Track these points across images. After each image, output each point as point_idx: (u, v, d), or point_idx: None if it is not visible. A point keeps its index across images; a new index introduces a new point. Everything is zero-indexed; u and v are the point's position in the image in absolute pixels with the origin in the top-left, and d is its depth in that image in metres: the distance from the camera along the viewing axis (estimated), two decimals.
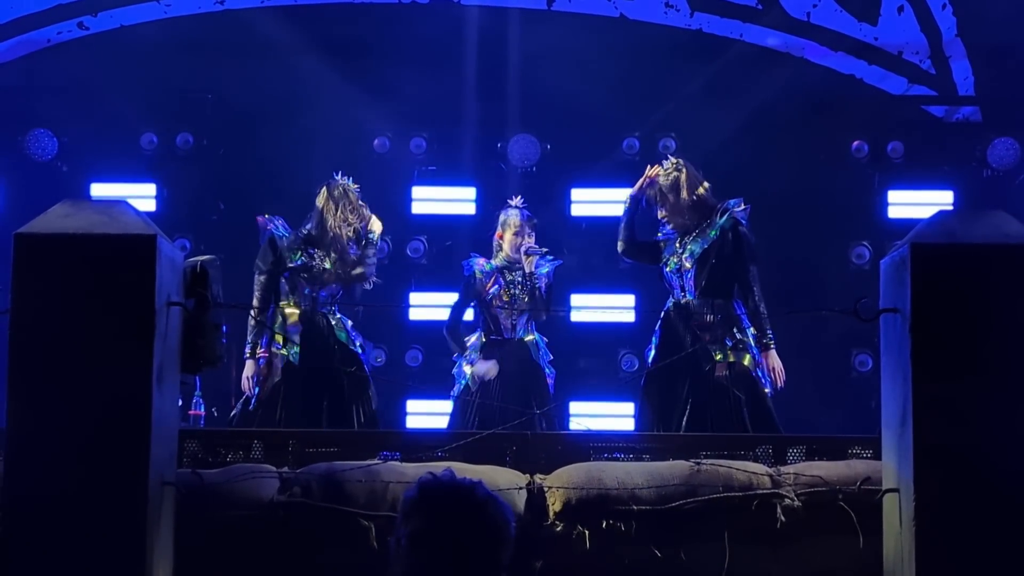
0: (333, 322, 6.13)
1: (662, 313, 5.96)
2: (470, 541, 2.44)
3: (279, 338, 5.92)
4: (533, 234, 6.51)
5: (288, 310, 6.03)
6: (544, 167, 8.32)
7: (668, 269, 5.94)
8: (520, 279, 6.43)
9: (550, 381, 6.50)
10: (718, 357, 5.66)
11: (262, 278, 6.03)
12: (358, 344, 6.21)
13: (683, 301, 5.87)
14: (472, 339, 6.52)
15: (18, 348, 3.19)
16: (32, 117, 8.14)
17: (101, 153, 8.10)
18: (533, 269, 6.41)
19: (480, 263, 6.52)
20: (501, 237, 6.53)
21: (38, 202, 3.63)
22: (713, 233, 5.83)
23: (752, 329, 5.73)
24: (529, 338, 6.46)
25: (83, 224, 3.24)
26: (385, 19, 8.19)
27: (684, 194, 5.89)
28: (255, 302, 5.92)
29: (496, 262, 6.49)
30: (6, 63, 8.23)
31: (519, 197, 6.62)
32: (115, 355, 3.19)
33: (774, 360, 5.73)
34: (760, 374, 5.72)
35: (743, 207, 5.89)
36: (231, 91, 8.05)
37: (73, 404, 3.16)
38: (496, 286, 6.43)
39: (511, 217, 6.51)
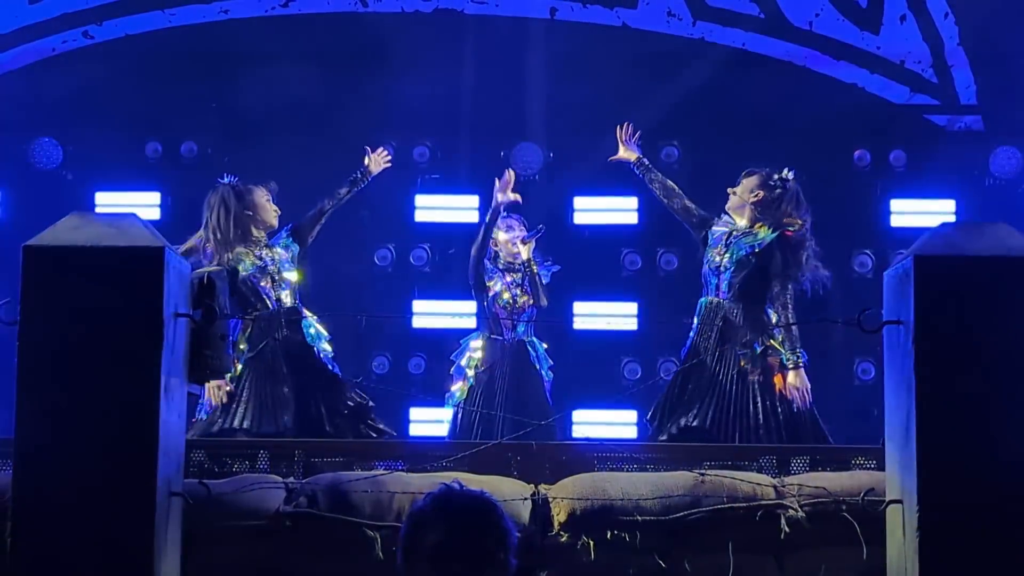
0: None
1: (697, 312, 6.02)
2: (485, 550, 2.45)
3: None
4: (523, 228, 6.62)
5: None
6: (547, 175, 8.34)
7: (707, 267, 6.01)
8: (520, 280, 6.51)
9: (547, 386, 6.56)
10: (743, 364, 5.71)
11: None
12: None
13: (714, 301, 5.94)
14: (473, 339, 6.62)
15: (27, 359, 3.21)
16: (37, 126, 8.16)
17: (106, 162, 8.12)
18: (531, 255, 6.50)
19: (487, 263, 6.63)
20: (496, 244, 6.62)
21: (43, 211, 3.66)
22: (758, 241, 5.91)
23: (781, 341, 5.78)
24: (528, 340, 6.55)
25: (92, 236, 3.26)
26: (388, 28, 8.21)
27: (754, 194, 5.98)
28: None
29: (498, 266, 6.60)
30: (11, 72, 8.25)
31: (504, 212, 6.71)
32: (123, 366, 3.20)
33: (798, 379, 5.72)
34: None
35: (796, 227, 5.94)
36: (235, 100, 8.07)
37: (81, 415, 3.18)
38: (499, 286, 6.52)
39: (500, 223, 6.64)
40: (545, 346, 6.71)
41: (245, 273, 6.01)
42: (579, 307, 8.17)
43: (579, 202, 8.34)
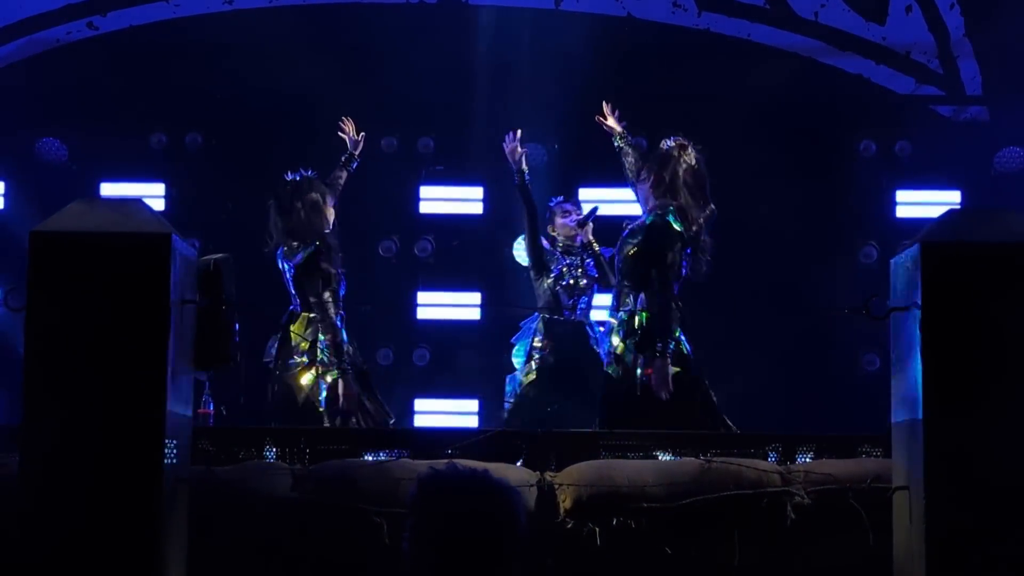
0: None
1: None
2: (474, 533, 2.43)
3: None
4: (579, 210, 6.75)
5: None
6: (552, 167, 8.33)
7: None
8: (579, 262, 6.60)
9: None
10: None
11: None
12: None
13: None
14: (532, 323, 6.60)
15: (34, 346, 3.21)
16: (42, 117, 8.17)
17: (111, 153, 8.13)
18: (591, 238, 6.64)
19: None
20: (553, 229, 6.67)
21: (49, 202, 3.66)
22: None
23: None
24: (587, 322, 6.57)
25: (98, 222, 3.26)
26: (393, 19, 8.21)
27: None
28: None
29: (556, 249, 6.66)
30: (16, 63, 8.26)
31: (560, 197, 6.84)
32: (130, 353, 3.21)
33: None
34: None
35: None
36: (240, 91, 8.07)
37: (88, 401, 3.18)
38: (557, 268, 6.53)
39: (556, 208, 6.76)
40: (601, 328, 6.70)
41: None
42: None
43: (584, 193, 8.33)
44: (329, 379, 5.99)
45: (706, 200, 5.85)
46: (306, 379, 6.10)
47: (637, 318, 5.62)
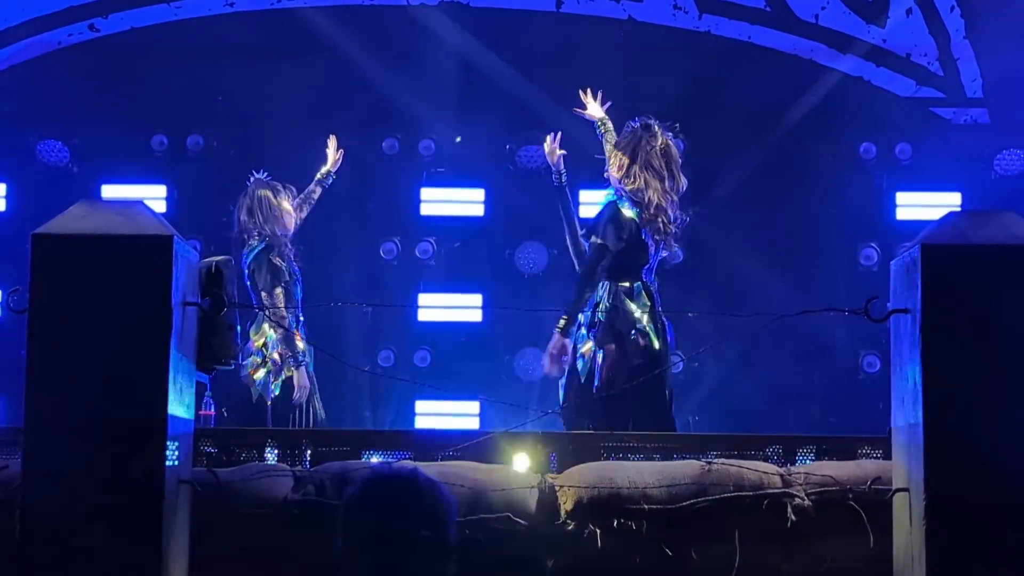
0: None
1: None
2: (417, 528, 2.45)
3: None
4: None
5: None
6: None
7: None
8: None
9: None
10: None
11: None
12: None
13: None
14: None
15: (36, 348, 3.22)
16: (43, 119, 8.18)
17: (112, 155, 8.14)
18: None
19: None
20: None
21: (50, 204, 3.67)
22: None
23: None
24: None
25: (100, 224, 3.27)
26: (394, 21, 8.22)
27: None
28: None
29: None
30: (17, 64, 8.27)
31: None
32: (132, 354, 3.22)
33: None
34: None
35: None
36: (241, 93, 8.09)
37: (90, 403, 3.19)
38: None
39: None
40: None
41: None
42: None
43: (584, 195, 8.34)
44: (283, 375, 6.23)
45: (674, 181, 5.81)
46: (259, 375, 6.31)
47: (598, 309, 5.65)
